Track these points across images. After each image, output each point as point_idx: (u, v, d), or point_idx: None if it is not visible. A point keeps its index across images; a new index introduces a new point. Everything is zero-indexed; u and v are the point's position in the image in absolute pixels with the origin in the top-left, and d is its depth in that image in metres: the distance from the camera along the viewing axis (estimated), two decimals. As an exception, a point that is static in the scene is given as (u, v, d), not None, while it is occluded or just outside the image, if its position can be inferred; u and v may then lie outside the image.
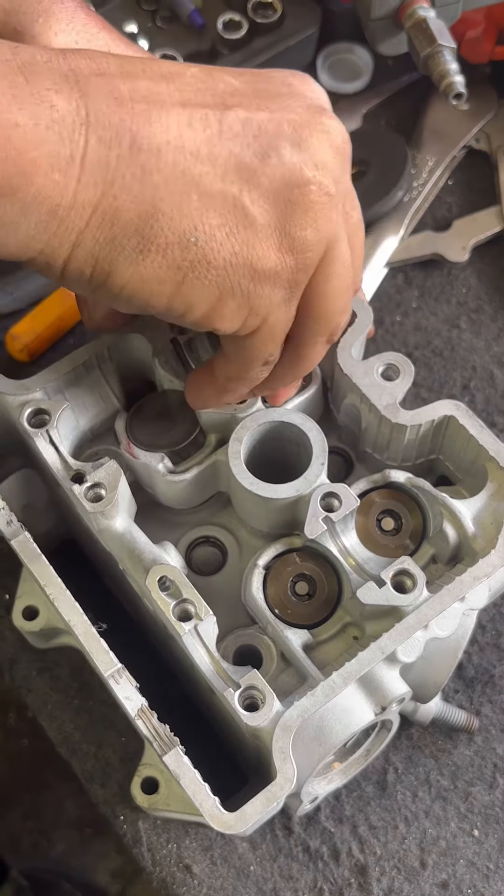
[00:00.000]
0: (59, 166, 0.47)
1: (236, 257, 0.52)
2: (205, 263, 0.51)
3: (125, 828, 0.72)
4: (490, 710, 0.76)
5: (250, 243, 0.52)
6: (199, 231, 0.50)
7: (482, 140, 0.98)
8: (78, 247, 0.49)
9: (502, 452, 0.67)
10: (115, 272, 0.51)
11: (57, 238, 0.49)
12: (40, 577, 0.64)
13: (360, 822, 0.73)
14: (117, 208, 0.49)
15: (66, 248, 0.49)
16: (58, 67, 0.48)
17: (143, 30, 0.97)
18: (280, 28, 0.96)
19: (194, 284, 0.52)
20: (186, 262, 0.51)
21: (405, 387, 0.70)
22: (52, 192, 0.47)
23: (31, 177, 0.46)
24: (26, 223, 0.48)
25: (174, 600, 0.61)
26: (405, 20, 0.85)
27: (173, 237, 0.50)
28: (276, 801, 0.57)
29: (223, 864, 0.71)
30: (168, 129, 0.49)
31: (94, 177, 0.48)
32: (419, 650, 0.63)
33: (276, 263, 0.53)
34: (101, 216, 0.49)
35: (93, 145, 0.48)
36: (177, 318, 0.54)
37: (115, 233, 0.49)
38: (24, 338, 0.87)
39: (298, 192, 0.52)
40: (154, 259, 0.50)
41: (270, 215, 0.52)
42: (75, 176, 0.47)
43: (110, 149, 0.48)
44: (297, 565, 0.67)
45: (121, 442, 0.71)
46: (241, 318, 0.54)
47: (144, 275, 0.51)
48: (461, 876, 0.72)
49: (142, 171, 0.49)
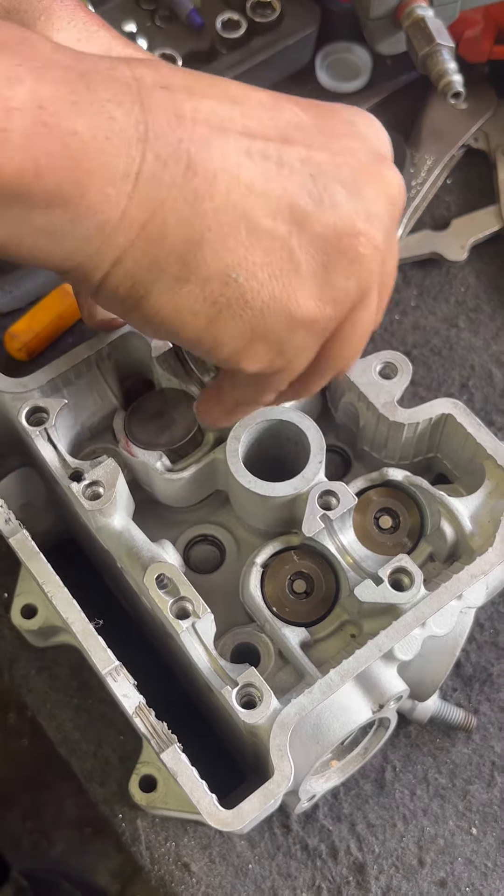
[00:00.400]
0: (113, 180, 0.45)
1: (275, 302, 0.50)
2: (242, 302, 0.50)
3: (124, 826, 0.72)
4: (488, 708, 0.76)
5: (292, 289, 0.50)
6: (241, 268, 0.49)
7: (481, 139, 0.98)
8: (118, 265, 0.48)
9: (500, 450, 0.67)
10: (150, 296, 0.49)
11: (100, 254, 0.47)
12: (39, 575, 0.64)
13: (358, 821, 0.73)
14: (164, 231, 0.47)
15: (107, 264, 0.48)
16: (121, 76, 0.47)
17: (141, 29, 0.97)
18: (279, 27, 0.96)
19: (227, 323, 0.50)
20: (223, 299, 0.49)
21: (403, 385, 0.70)
22: (103, 207, 0.46)
23: (85, 188, 0.45)
24: (73, 235, 0.46)
25: (172, 598, 0.61)
26: (403, 19, 0.85)
27: (215, 269, 0.48)
28: (273, 798, 0.57)
29: (221, 862, 0.71)
30: (226, 156, 0.48)
31: (146, 195, 0.46)
32: (417, 648, 0.63)
33: (314, 313, 0.51)
34: (146, 237, 0.47)
35: (149, 162, 0.46)
36: (202, 352, 0.53)
37: (157, 255, 0.48)
38: (22, 336, 0.87)
39: (348, 241, 0.50)
40: (191, 290, 0.49)
41: (316, 262, 0.50)
42: (127, 192, 0.46)
43: (165, 168, 0.46)
44: (294, 563, 0.67)
45: (119, 440, 0.71)
46: (268, 360, 0.53)
47: (179, 304, 0.49)
48: (459, 874, 0.72)
49: (194, 196, 0.47)
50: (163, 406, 0.71)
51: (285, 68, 0.99)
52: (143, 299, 0.49)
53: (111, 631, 0.63)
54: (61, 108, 0.44)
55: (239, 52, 0.96)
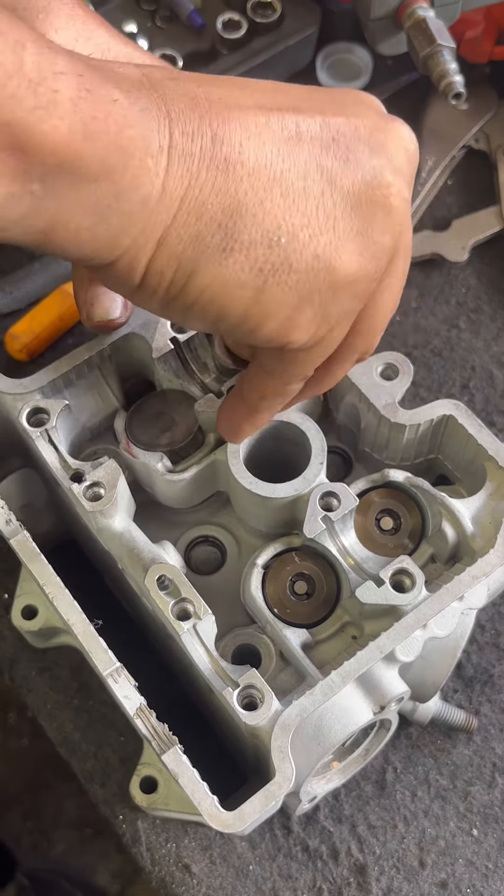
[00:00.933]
0: (151, 152, 0.46)
1: (318, 261, 0.50)
2: (286, 266, 0.50)
3: (124, 827, 0.72)
4: (489, 709, 0.76)
5: (333, 247, 0.51)
6: (282, 230, 0.49)
7: (482, 140, 0.98)
8: (162, 245, 0.48)
9: (501, 452, 0.67)
10: (196, 273, 0.49)
11: (144, 234, 0.48)
12: (39, 576, 0.64)
13: (359, 822, 0.73)
14: (202, 201, 0.48)
15: (151, 246, 0.48)
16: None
17: (142, 29, 0.97)
18: (279, 28, 0.96)
19: (274, 291, 0.51)
20: (269, 265, 0.50)
21: (404, 386, 0.70)
22: (145, 179, 0.46)
23: (128, 157, 0.46)
24: (119, 212, 0.47)
25: (173, 599, 0.61)
26: (404, 20, 0.85)
27: (257, 234, 0.49)
28: (274, 800, 0.57)
29: (222, 863, 0.71)
30: (247, 127, 0.49)
31: (181, 167, 0.47)
32: (418, 649, 0.63)
33: (357, 269, 0.52)
34: (187, 210, 0.48)
35: (176, 137, 0.47)
36: (247, 332, 0.53)
37: (199, 228, 0.48)
38: (23, 337, 0.87)
39: (380, 194, 0.51)
40: (237, 259, 0.49)
41: (353, 219, 0.51)
42: (164, 165, 0.47)
43: (193, 141, 0.47)
44: (296, 564, 0.67)
45: (120, 441, 0.71)
46: (314, 327, 0.53)
47: (227, 277, 0.50)
48: (460, 875, 0.72)
49: (226, 163, 0.48)
50: (164, 407, 0.71)
51: (286, 69, 0.99)
52: (190, 278, 0.50)
53: (111, 632, 0.63)
54: (95, 79, 0.45)
55: (240, 52, 0.96)
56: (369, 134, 0.52)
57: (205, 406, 0.67)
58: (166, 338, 0.69)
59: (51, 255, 0.53)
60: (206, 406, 0.67)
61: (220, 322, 0.52)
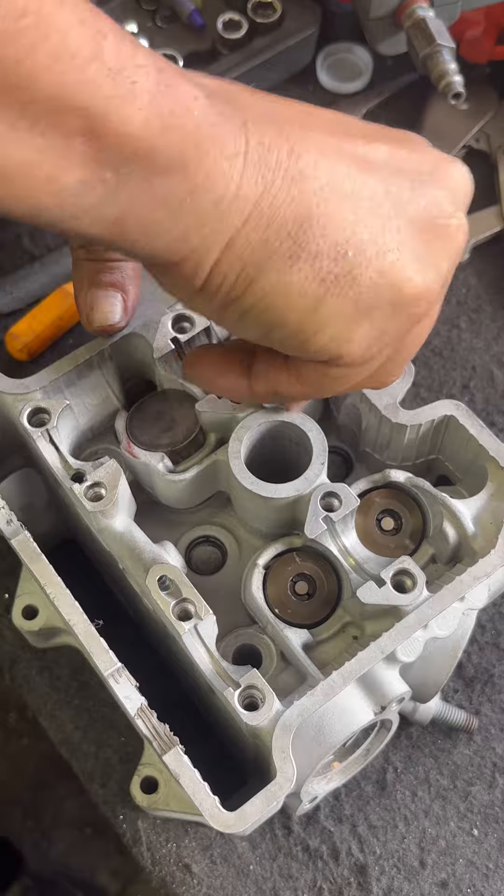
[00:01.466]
0: (227, 154, 0.47)
1: (383, 277, 0.51)
2: (350, 279, 0.51)
3: (125, 827, 0.72)
4: (489, 709, 0.76)
5: (399, 266, 0.52)
6: (350, 244, 0.50)
7: (482, 140, 0.98)
8: (229, 248, 0.49)
9: (502, 452, 0.67)
10: (259, 278, 0.50)
11: (213, 234, 0.48)
12: (40, 576, 0.64)
13: (359, 822, 0.73)
14: (275, 208, 0.49)
15: (218, 248, 0.49)
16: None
17: (143, 29, 0.97)
18: (280, 28, 0.96)
19: (334, 301, 0.51)
20: (332, 276, 0.50)
21: (405, 387, 0.70)
22: (219, 180, 0.47)
23: (205, 154, 0.46)
24: (190, 209, 0.47)
25: (174, 600, 0.61)
26: (404, 20, 0.85)
27: (325, 245, 0.50)
28: (275, 800, 0.57)
29: (223, 863, 0.71)
30: (322, 147, 0.50)
31: (256, 173, 0.48)
32: (419, 650, 0.63)
33: (422, 289, 0.53)
34: (258, 216, 0.48)
35: (253, 146, 0.48)
36: (300, 343, 0.53)
37: (268, 235, 0.49)
38: (23, 337, 0.87)
39: (443, 223, 0.53)
40: (302, 268, 0.50)
41: (417, 243, 0.52)
42: (240, 169, 0.47)
43: (270, 151, 0.48)
44: (296, 565, 0.67)
45: (121, 441, 0.71)
46: (368, 343, 0.53)
47: (289, 284, 0.50)
48: (461, 875, 0.72)
49: (301, 175, 0.49)
50: (165, 407, 0.71)
51: (286, 69, 0.99)
52: (252, 283, 0.50)
53: (112, 632, 0.63)
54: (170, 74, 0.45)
55: (240, 52, 0.96)
56: (433, 167, 0.54)
57: (206, 406, 0.67)
58: (167, 338, 0.69)
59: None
60: (208, 406, 0.67)
61: (275, 330, 0.53)
